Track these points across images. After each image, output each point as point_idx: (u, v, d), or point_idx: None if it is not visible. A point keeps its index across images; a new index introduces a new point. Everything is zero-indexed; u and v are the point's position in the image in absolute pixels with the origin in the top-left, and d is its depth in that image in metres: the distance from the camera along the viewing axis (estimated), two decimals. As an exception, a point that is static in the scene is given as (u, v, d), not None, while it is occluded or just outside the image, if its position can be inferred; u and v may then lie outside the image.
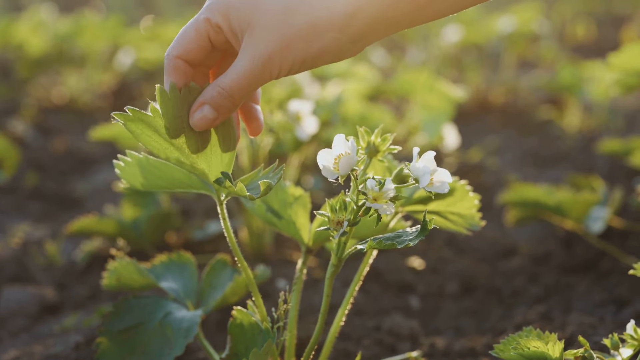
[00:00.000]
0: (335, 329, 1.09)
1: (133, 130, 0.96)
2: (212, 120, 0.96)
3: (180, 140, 0.97)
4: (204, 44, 0.97)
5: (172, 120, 0.95)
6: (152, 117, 0.95)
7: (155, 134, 0.96)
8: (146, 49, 3.65)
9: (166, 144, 0.97)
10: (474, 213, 1.13)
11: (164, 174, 1.04)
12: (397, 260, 1.77)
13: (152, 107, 0.95)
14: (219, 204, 1.02)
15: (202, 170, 0.99)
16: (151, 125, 0.95)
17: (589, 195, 1.80)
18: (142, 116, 0.95)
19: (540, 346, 1.00)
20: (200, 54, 0.98)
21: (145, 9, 6.40)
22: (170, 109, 0.95)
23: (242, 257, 1.05)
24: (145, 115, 0.95)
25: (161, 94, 0.94)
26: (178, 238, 1.92)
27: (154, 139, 0.97)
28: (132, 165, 1.04)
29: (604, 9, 6.38)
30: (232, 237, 1.04)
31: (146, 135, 0.96)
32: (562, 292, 1.66)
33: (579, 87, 3.06)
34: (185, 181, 1.04)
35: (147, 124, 0.95)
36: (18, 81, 3.83)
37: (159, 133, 0.96)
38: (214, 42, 0.97)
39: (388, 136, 0.97)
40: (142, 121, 0.95)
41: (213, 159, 0.99)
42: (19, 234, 2.10)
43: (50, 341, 1.44)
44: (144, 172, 1.04)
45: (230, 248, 1.05)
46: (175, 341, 1.11)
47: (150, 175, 1.05)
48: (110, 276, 1.23)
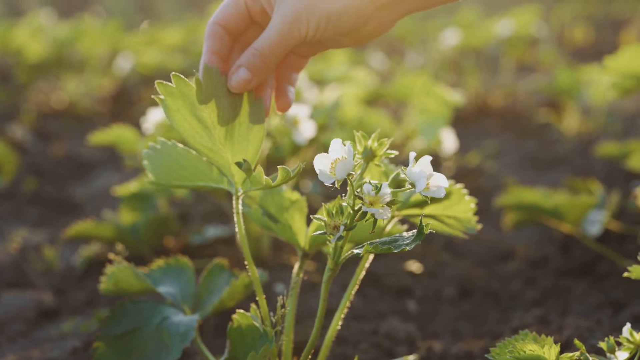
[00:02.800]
0: (332, 333, 1.09)
1: (170, 107, 1.00)
2: (248, 81, 1.02)
3: (212, 117, 1.00)
4: (241, 12, 1.04)
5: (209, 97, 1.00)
6: (192, 90, 0.99)
7: (190, 115, 1.00)
8: (145, 53, 3.66)
9: (198, 126, 1.00)
10: (471, 216, 1.13)
11: (189, 162, 1.07)
12: (394, 264, 1.77)
13: (197, 79, 0.99)
14: (235, 199, 1.04)
15: (227, 159, 1.02)
16: (190, 102, 0.99)
17: (587, 198, 1.80)
18: (185, 89, 0.99)
19: (536, 349, 1.00)
20: (239, 23, 1.05)
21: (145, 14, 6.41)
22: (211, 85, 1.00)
23: (249, 255, 1.06)
24: (189, 88, 0.99)
25: (205, 71, 1.00)
26: (176, 242, 1.92)
27: (187, 120, 1.00)
28: (161, 152, 1.08)
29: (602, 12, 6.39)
30: (242, 234, 1.05)
31: (181, 115, 1.00)
32: (560, 295, 1.66)
33: (577, 91, 3.06)
34: (207, 173, 1.07)
35: (188, 98, 0.99)
36: (17, 86, 3.83)
37: (194, 113, 1.00)
38: (251, 11, 1.05)
39: (385, 141, 0.97)
40: (183, 95, 0.99)
41: (239, 148, 1.02)
42: (17, 239, 2.10)
43: (48, 346, 1.44)
44: (170, 160, 1.07)
45: (240, 247, 1.06)
46: (172, 346, 1.11)
47: (176, 164, 1.07)
48: (107, 281, 1.23)
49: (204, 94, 0.99)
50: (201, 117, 1.00)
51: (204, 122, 1.00)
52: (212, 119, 1.00)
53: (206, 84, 0.99)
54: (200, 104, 0.99)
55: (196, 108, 0.99)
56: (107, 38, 3.90)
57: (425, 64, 3.98)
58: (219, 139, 1.01)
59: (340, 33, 1.02)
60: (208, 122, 1.00)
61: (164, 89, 0.98)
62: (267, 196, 1.13)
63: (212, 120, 1.00)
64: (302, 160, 1.93)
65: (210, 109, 1.00)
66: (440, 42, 3.80)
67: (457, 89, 3.37)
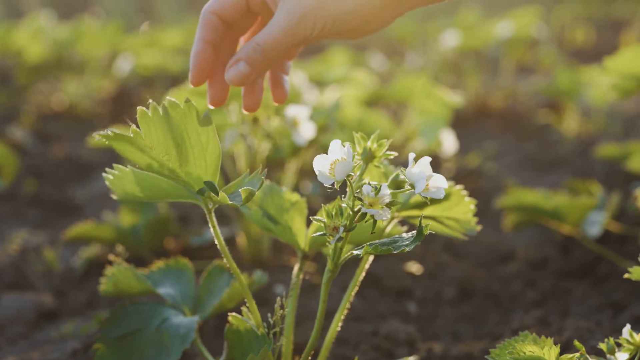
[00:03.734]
0: (332, 334, 1.09)
1: (117, 148, 0.98)
2: (247, 75, 1.01)
3: (160, 156, 0.98)
4: (239, 1, 1.02)
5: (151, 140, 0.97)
6: (133, 138, 0.97)
7: (139, 151, 0.98)
8: (145, 55, 3.66)
9: (150, 160, 0.99)
10: (470, 218, 1.13)
11: (152, 185, 1.05)
12: (394, 266, 1.77)
13: (133, 129, 0.97)
14: (208, 213, 1.02)
15: (187, 182, 1.01)
16: (134, 144, 0.97)
17: (587, 199, 1.80)
18: (124, 137, 0.97)
19: (536, 351, 1.00)
20: (235, 12, 1.03)
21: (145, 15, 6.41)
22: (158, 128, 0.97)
23: (233, 263, 1.05)
24: (127, 137, 0.97)
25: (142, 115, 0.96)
26: (176, 244, 1.92)
27: (138, 155, 0.99)
28: (121, 177, 1.05)
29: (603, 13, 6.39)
30: (222, 244, 1.04)
31: (130, 152, 0.98)
32: (560, 296, 1.66)
33: (577, 92, 3.06)
34: (174, 192, 1.04)
35: (131, 142, 0.97)
36: (17, 88, 3.83)
37: (142, 150, 0.98)
38: (250, 2, 1.03)
39: (384, 142, 0.97)
40: (125, 141, 0.97)
41: (197, 171, 1.00)
42: (17, 240, 2.10)
43: (48, 348, 1.44)
44: (132, 184, 1.05)
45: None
46: (172, 347, 1.11)
47: (140, 187, 1.05)
48: (107, 282, 1.23)
49: (146, 139, 0.97)
50: (150, 155, 0.98)
51: (153, 158, 0.99)
52: (161, 156, 0.98)
53: (145, 131, 0.97)
54: (144, 148, 0.98)
55: (142, 149, 0.98)
56: (107, 39, 3.90)
57: (425, 66, 3.98)
58: (174, 168, 0.99)
59: (343, 31, 1.01)
60: (158, 158, 0.98)
61: (104, 137, 0.96)
62: (267, 197, 1.13)
63: (161, 157, 0.98)
64: (302, 162, 1.93)
65: (157, 149, 0.98)
66: (440, 44, 3.80)
67: (457, 90, 3.37)
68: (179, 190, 1.04)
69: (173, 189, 1.04)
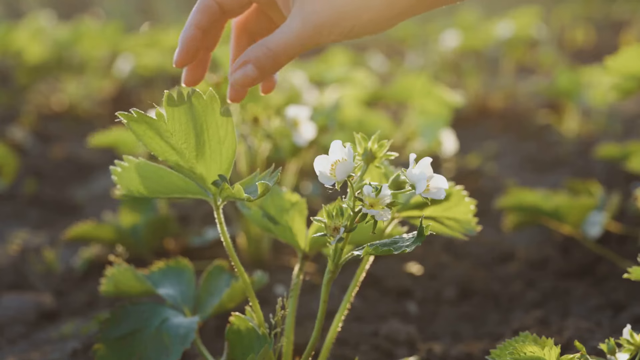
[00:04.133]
0: (332, 335, 1.09)
1: (135, 131, 0.97)
2: (254, 79, 0.98)
3: (179, 143, 0.98)
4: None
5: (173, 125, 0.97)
6: (155, 121, 0.96)
7: (157, 137, 0.97)
8: (145, 55, 3.66)
9: (167, 147, 0.98)
10: (470, 218, 1.13)
11: (161, 178, 1.04)
12: (395, 266, 1.77)
13: (158, 112, 0.96)
14: (216, 209, 1.02)
15: (200, 174, 1.00)
16: (154, 128, 0.96)
17: (587, 200, 1.80)
18: (146, 119, 0.96)
19: (536, 351, 1.00)
20: (236, 3, 1.00)
21: (145, 16, 6.41)
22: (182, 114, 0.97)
23: (238, 261, 1.05)
24: (149, 118, 0.96)
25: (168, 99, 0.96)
26: (176, 244, 1.92)
27: (155, 141, 0.98)
28: (130, 170, 1.04)
29: (603, 14, 6.39)
30: (228, 242, 1.04)
31: (148, 137, 0.98)
32: (560, 297, 1.66)
33: (577, 92, 3.06)
34: (183, 186, 1.04)
35: (151, 125, 0.96)
36: (17, 88, 3.83)
37: (160, 136, 0.97)
38: None
39: (385, 142, 0.97)
40: (146, 123, 0.96)
41: (212, 164, 1.00)
42: (17, 240, 2.10)
43: (48, 348, 1.44)
44: (141, 177, 1.05)
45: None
46: (172, 348, 1.11)
47: (148, 180, 1.05)
48: (108, 282, 1.23)
49: (168, 123, 0.97)
50: (168, 141, 0.98)
51: (172, 145, 0.98)
52: (180, 144, 0.98)
53: (169, 114, 0.97)
54: (164, 133, 0.97)
55: (161, 134, 0.97)
56: (107, 40, 3.89)
57: (425, 66, 3.98)
58: (190, 158, 0.99)
59: (355, 37, 0.99)
60: (176, 146, 0.98)
61: (125, 116, 0.96)
62: (267, 198, 1.13)
63: (179, 145, 0.98)
64: (302, 162, 1.93)
65: (177, 135, 0.97)
66: (440, 44, 3.80)
67: (457, 90, 3.37)
68: (189, 185, 1.03)
69: (183, 183, 1.03)
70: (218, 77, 1.62)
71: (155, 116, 0.96)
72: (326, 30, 0.95)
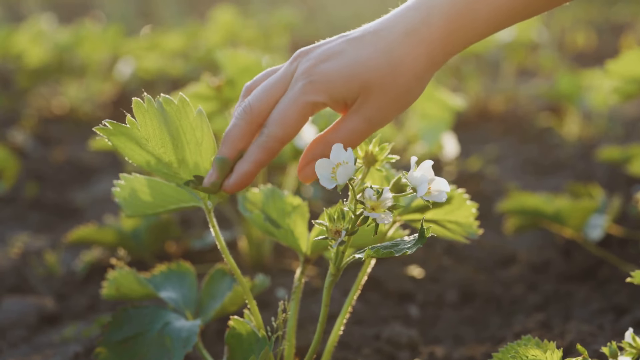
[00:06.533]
0: (334, 338, 1.09)
1: (116, 144, 0.98)
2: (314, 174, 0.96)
3: (157, 148, 0.98)
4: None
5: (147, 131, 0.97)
6: (129, 128, 0.97)
7: (138, 147, 0.98)
8: (146, 58, 3.66)
9: (149, 156, 0.99)
10: (472, 221, 1.13)
11: (154, 190, 1.05)
12: (396, 269, 1.77)
13: (129, 119, 0.97)
14: (207, 213, 1.02)
15: (184, 178, 1.01)
16: (131, 137, 0.97)
17: (588, 203, 1.80)
18: (121, 128, 0.97)
19: (538, 355, 1.00)
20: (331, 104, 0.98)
21: (145, 19, 6.42)
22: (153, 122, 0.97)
23: (234, 264, 1.05)
24: (124, 127, 0.97)
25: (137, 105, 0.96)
26: (178, 248, 1.92)
27: (137, 152, 0.99)
28: (126, 187, 1.06)
29: (603, 17, 6.39)
30: (223, 245, 1.04)
31: (129, 149, 0.99)
32: (561, 300, 1.66)
33: (578, 95, 3.06)
34: (175, 195, 1.04)
35: (128, 136, 0.97)
36: (18, 91, 3.83)
37: (139, 144, 0.98)
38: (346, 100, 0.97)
39: (386, 145, 0.97)
40: (123, 134, 0.97)
41: (194, 167, 1.00)
42: (18, 244, 2.10)
43: (50, 351, 1.44)
44: (136, 192, 1.06)
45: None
46: (174, 351, 1.11)
47: (143, 194, 1.05)
48: (109, 286, 1.23)
49: (142, 129, 0.97)
50: (146, 148, 0.98)
51: (150, 151, 0.99)
52: (157, 149, 0.98)
53: (141, 121, 0.97)
54: (141, 140, 0.98)
55: (139, 142, 0.98)
56: (107, 43, 3.90)
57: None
58: (171, 163, 0.99)
59: None
60: (154, 151, 0.99)
61: (103, 131, 0.97)
62: (268, 201, 1.13)
63: (157, 150, 0.98)
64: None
65: (153, 141, 0.98)
66: (441, 47, 3.79)
67: (458, 93, 3.37)
68: (180, 194, 1.04)
69: (174, 192, 1.04)
70: (219, 80, 1.62)
71: (127, 123, 0.97)
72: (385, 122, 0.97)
